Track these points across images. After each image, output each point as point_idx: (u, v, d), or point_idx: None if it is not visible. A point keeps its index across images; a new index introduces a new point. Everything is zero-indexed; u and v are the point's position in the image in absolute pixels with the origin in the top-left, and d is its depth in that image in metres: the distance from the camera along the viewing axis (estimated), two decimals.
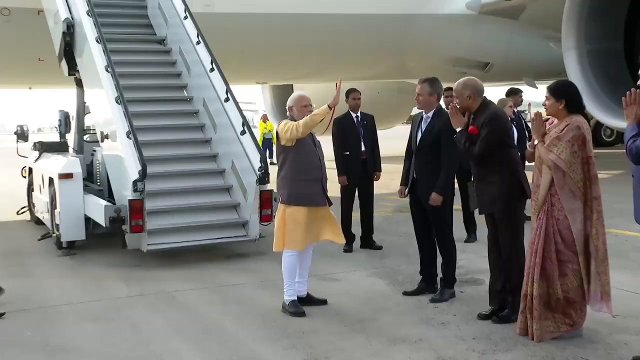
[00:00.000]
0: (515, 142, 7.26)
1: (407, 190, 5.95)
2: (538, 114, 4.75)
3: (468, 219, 8.24)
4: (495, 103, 5.73)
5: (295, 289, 5.60)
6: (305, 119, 5.42)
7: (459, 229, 8.28)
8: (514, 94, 9.00)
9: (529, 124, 7.33)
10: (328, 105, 5.42)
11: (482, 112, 5.13)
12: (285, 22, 13.85)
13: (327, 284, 6.48)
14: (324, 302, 5.74)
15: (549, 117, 4.83)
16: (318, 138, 5.93)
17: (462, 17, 15.40)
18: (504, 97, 8.88)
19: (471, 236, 8.18)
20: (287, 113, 5.75)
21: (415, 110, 7.94)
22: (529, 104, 34.83)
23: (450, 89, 8.37)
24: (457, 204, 8.17)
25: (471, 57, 16.16)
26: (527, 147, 4.91)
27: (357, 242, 8.09)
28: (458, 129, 5.18)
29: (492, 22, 15.52)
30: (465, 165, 7.94)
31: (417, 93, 5.81)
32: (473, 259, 7.19)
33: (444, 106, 6.78)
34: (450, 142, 5.54)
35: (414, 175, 5.87)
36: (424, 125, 5.81)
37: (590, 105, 12.56)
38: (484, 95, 5.25)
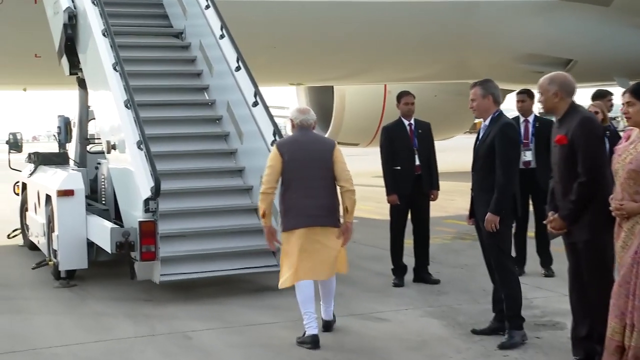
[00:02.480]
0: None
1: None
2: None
3: (543, 249, 8.13)
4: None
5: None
6: (355, 201, 6.11)
7: (533, 260, 8.19)
8: (602, 97, 8.84)
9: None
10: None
11: (570, 117, 5.03)
12: (324, 12, 13.89)
13: (372, 324, 6.45)
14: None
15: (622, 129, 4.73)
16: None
17: (538, 4, 15.25)
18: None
19: (548, 270, 8.06)
20: (308, 123, 6.10)
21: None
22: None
23: (524, 91, 8.29)
24: (531, 231, 8.12)
25: (549, 52, 15.95)
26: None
27: (409, 275, 8.04)
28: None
29: (576, 10, 15.31)
30: (543, 185, 7.85)
31: (470, 99, 5.95)
32: (551, 298, 7.08)
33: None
34: (503, 153, 5.66)
35: (473, 194, 5.98)
36: (480, 135, 5.94)
37: None
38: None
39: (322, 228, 5.90)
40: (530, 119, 8.14)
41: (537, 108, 8.41)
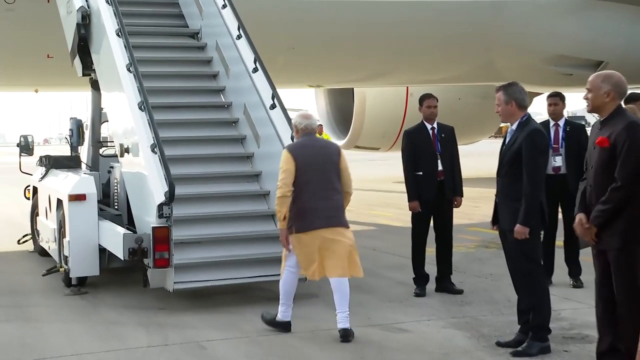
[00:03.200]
0: None
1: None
2: None
3: (572, 258, 8.09)
4: None
5: None
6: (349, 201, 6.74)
7: (562, 270, 8.15)
8: (634, 100, 8.79)
9: None
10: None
11: (615, 120, 4.99)
12: (344, 11, 13.93)
13: (393, 335, 6.44)
14: None
15: None
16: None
17: (568, 3, 15.20)
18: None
19: (577, 280, 8.02)
20: (312, 128, 6.70)
21: None
22: None
23: (556, 94, 8.25)
24: (560, 239, 8.08)
25: (578, 54, 15.88)
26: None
27: (431, 284, 8.03)
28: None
29: (607, 9, 15.23)
30: (573, 191, 7.81)
31: (495, 104, 6.02)
32: (580, 310, 7.03)
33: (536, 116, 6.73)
34: (530, 160, 5.69)
35: (497, 200, 6.01)
36: (507, 140, 5.97)
37: None
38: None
39: (340, 228, 6.42)
40: (561, 122, 8.09)
41: (566, 112, 8.39)
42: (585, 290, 7.72)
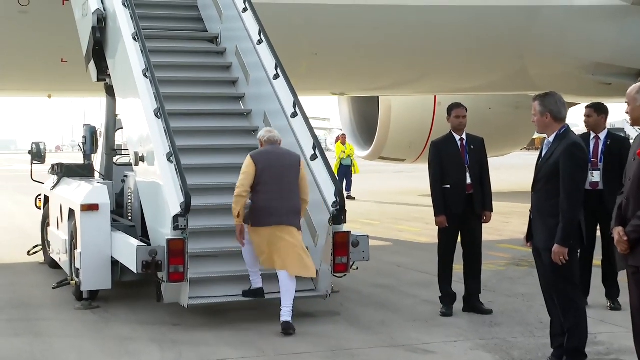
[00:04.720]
0: None
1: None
2: None
3: (610, 279, 8.02)
4: None
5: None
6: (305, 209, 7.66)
7: (598, 291, 8.09)
8: None
9: None
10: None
11: None
12: (369, 16, 13.94)
13: (417, 357, 6.43)
14: None
15: None
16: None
17: (607, 9, 15.11)
18: None
19: (615, 302, 7.95)
20: (275, 139, 7.56)
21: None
22: None
23: (591, 106, 8.16)
24: (597, 259, 8.02)
25: (618, 62, 15.78)
26: None
27: (458, 304, 7.99)
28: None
29: None
30: (611, 208, 7.75)
31: (532, 114, 5.99)
32: (618, 334, 6.98)
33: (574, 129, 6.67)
34: (568, 176, 5.63)
35: (531, 216, 5.97)
36: (543, 152, 5.94)
37: None
38: None
39: (288, 227, 7.26)
40: (602, 135, 7.97)
41: (608, 124, 8.24)
42: (623, 313, 7.65)
